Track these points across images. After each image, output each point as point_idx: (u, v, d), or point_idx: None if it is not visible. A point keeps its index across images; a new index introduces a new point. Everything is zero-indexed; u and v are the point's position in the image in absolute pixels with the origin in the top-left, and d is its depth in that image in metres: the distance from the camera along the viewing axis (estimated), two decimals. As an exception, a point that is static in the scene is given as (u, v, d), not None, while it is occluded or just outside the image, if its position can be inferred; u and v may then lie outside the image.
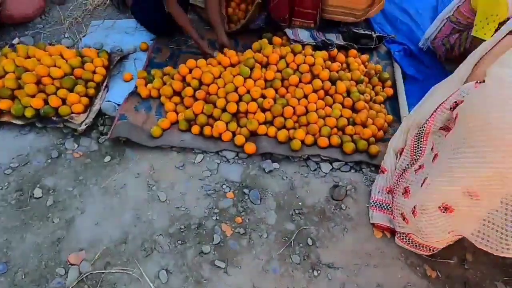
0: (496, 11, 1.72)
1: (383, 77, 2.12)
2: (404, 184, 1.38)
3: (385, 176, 1.56)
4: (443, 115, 1.25)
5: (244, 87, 1.83)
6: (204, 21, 2.61)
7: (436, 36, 2.23)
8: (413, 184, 1.32)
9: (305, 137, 1.74)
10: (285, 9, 2.25)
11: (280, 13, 2.28)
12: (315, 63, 1.93)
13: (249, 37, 2.48)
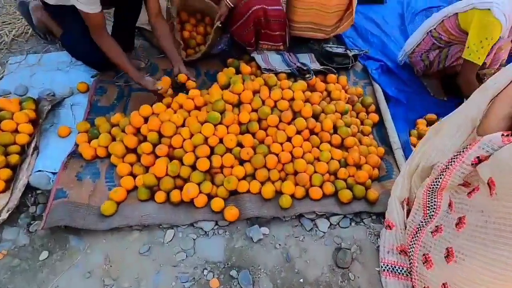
0: (491, 35, 1.59)
1: (366, 102, 1.92)
2: (423, 249, 1.17)
3: (394, 232, 1.35)
4: (462, 170, 1.04)
5: (216, 136, 1.51)
6: (155, 47, 2.23)
7: (414, 50, 2.10)
8: (433, 252, 1.12)
9: (295, 189, 1.47)
10: (250, 33, 1.97)
11: (244, 38, 2.00)
12: (294, 98, 1.67)
13: (211, 64, 2.17)
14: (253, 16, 1.89)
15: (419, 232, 1.22)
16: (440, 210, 1.17)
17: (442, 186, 1.13)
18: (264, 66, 1.86)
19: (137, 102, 1.85)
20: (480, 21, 1.61)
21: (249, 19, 1.91)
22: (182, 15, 2.13)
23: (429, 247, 1.15)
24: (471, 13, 1.69)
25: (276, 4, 1.94)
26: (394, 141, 1.73)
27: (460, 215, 1.06)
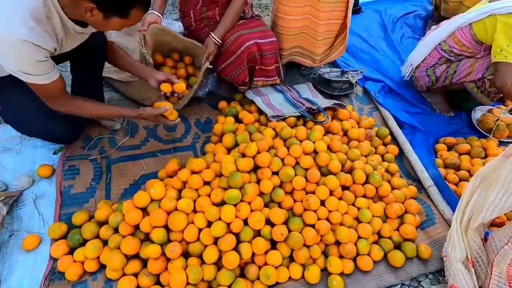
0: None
1: (383, 134, 1.75)
2: None
3: (465, 301, 1.17)
4: None
5: (239, 218, 1.22)
6: (128, 99, 1.86)
7: (419, 64, 1.97)
8: None
9: (343, 266, 1.23)
10: (243, 72, 1.69)
11: (238, 78, 1.72)
12: (316, 150, 1.43)
13: (199, 110, 1.86)
14: (247, 53, 1.62)
15: None
16: None
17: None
18: (271, 113, 1.59)
19: (120, 178, 1.49)
20: (507, 26, 1.53)
21: (241, 57, 1.63)
22: (157, 58, 1.78)
23: None
24: (488, 21, 1.59)
25: (268, 36, 1.68)
26: (425, 178, 1.58)
27: None
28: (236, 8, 1.60)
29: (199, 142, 1.69)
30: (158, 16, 1.59)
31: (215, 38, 1.61)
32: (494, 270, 1.07)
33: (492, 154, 1.65)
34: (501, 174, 1.09)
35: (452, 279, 1.22)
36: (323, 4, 1.64)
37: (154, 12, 1.59)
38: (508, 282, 1.05)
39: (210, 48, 1.61)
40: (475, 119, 1.97)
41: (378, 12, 2.86)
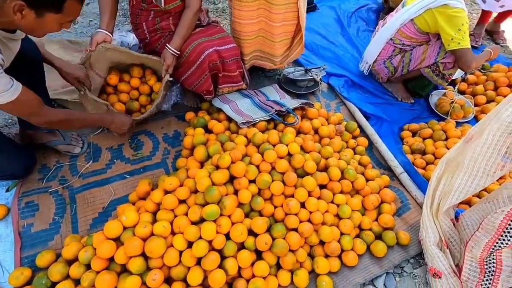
0: (462, 21, 1.63)
1: (352, 128, 1.79)
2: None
3: (444, 280, 1.23)
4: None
5: (220, 233, 1.18)
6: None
7: (376, 59, 2.05)
8: None
9: (330, 265, 1.24)
10: (207, 81, 1.64)
11: (202, 87, 1.67)
12: (290, 152, 1.42)
13: (166, 123, 1.79)
14: (208, 61, 1.57)
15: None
16: (503, 266, 1.05)
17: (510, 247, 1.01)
18: (240, 120, 1.56)
19: (87, 208, 1.38)
20: (446, 17, 1.64)
21: (203, 66, 1.58)
22: (112, 78, 1.67)
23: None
24: (426, 15, 1.72)
25: (227, 42, 1.64)
26: (395, 165, 1.64)
27: None
28: (190, 17, 1.54)
29: (169, 158, 1.62)
30: (107, 35, 1.48)
31: (172, 50, 1.53)
32: (467, 255, 1.13)
33: (452, 136, 1.76)
34: (464, 160, 1.15)
35: (430, 262, 1.28)
36: (276, 7, 1.63)
37: (101, 30, 1.47)
38: (479, 266, 1.11)
39: (168, 61, 1.53)
40: (432, 104, 2.09)
41: (333, 9, 2.93)
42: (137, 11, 1.59)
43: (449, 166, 1.26)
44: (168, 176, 1.37)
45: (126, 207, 1.25)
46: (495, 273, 1.04)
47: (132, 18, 1.66)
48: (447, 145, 1.71)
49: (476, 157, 1.10)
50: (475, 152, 1.09)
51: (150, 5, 1.53)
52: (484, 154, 1.06)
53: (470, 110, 2.01)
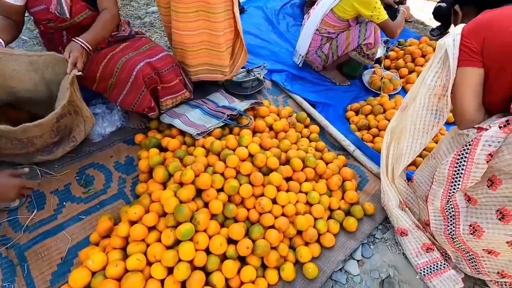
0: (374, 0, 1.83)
1: (302, 117, 1.88)
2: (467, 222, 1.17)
3: (411, 237, 1.36)
4: (479, 171, 1.05)
5: (199, 250, 1.14)
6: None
7: (308, 50, 2.18)
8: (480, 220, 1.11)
9: (312, 251, 1.29)
10: (146, 97, 1.54)
11: (142, 105, 1.57)
12: (251, 153, 1.44)
13: (115, 152, 1.66)
14: (142, 76, 1.47)
15: (452, 232, 1.22)
16: (460, 208, 1.18)
17: (461, 190, 1.14)
18: (195, 131, 1.52)
19: (42, 263, 1.23)
20: (359, 1, 1.84)
21: (137, 83, 1.48)
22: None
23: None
24: (343, 3, 1.90)
25: (158, 51, 1.57)
26: (347, 145, 1.76)
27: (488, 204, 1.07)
28: (107, 17, 1.42)
29: (127, 187, 1.51)
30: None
31: (81, 40, 1.32)
32: (430, 209, 1.25)
33: (389, 108, 1.95)
34: (405, 126, 1.28)
35: (396, 223, 1.40)
36: (216, 15, 1.60)
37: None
38: (442, 214, 1.25)
39: (75, 52, 1.29)
40: (366, 82, 2.29)
41: (260, 8, 3.03)
42: (48, 36, 1.45)
43: (394, 134, 1.40)
44: (130, 206, 1.28)
45: (90, 250, 1.14)
46: (456, 217, 1.18)
47: (46, 45, 1.50)
48: (386, 116, 1.90)
49: (414, 120, 1.24)
50: (413, 116, 1.23)
51: (57, 22, 1.38)
52: (420, 115, 1.21)
53: (397, 83, 2.26)
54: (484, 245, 1.10)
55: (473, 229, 1.11)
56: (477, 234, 1.09)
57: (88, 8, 1.43)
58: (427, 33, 2.92)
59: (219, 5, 1.56)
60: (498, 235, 1.03)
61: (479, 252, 1.16)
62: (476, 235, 1.09)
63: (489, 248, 1.11)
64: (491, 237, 1.05)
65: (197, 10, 1.56)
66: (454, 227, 1.19)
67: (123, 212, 1.29)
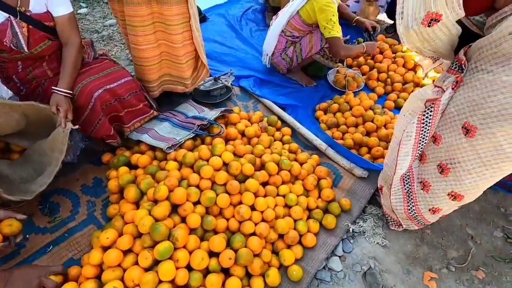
0: (332, 12, 1.87)
1: (273, 121, 1.89)
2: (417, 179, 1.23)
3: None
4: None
5: (181, 268, 1.10)
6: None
7: (274, 52, 2.21)
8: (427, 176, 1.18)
9: (294, 253, 1.29)
10: (104, 125, 1.45)
11: (100, 132, 1.48)
12: (225, 162, 1.42)
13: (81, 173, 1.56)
14: (100, 104, 1.39)
15: (409, 192, 1.27)
16: (413, 168, 1.24)
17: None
18: (165, 145, 1.48)
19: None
20: (319, 8, 1.88)
21: (95, 110, 1.39)
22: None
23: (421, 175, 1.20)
24: (308, 6, 1.94)
25: (120, 77, 1.48)
26: (319, 144, 1.80)
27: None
28: (73, 54, 1.35)
29: (96, 210, 1.43)
30: None
31: (63, 91, 1.30)
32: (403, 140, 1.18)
33: (354, 104, 2.02)
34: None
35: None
36: (173, 27, 1.55)
37: None
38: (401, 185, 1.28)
39: (64, 105, 1.28)
40: (331, 81, 2.37)
41: (221, 15, 3.03)
42: (0, 65, 1.34)
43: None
44: (102, 230, 1.21)
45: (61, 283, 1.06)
46: (412, 193, 1.24)
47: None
48: (353, 113, 1.97)
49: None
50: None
51: (11, 54, 1.28)
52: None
53: (360, 80, 2.35)
54: (430, 200, 1.18)
55: (422, 184, 1.18)
56: (425, 189, 1.16)
57: (47, 38, 1.33)
58: (382, 31, 3.08)
59: (175, 17, 1.52)
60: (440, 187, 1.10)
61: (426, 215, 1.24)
62: (425, 190, 1.16)
63: (435, 206, 1.18)
64: (436, 189, 1.13)
65: (153, 22, 1.53)
66: (413, 204, 1.24)
67: (94, 238, 1.21)
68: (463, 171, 1.03)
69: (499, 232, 1.54)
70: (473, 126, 0.95)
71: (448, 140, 1.04)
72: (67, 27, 1.36)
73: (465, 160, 1.01)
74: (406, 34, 0.95)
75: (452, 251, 1.44)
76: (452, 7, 0.88)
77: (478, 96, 0.93)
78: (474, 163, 1.00)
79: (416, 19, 0.91)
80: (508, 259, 1.42)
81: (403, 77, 2.34)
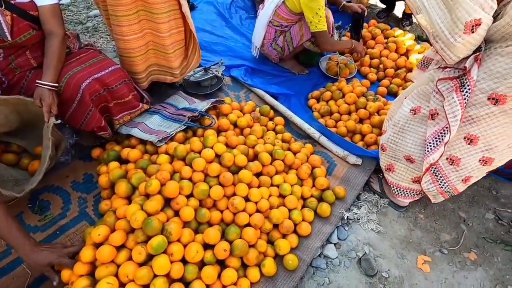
0: (319, 4, 1.81)
1: (266, 111, 1.87)
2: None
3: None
4: None
5: (176, 262, 1.09)
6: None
7: (263, 42, 2.16)
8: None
9: (290, 242, 1.29)
10: (94, 116, 1.40)
11: (91, 124, 1.42)
12: (217, 153, 1.40)
13: (71, 169, 1.53)
14: (89, 94, 1.34)
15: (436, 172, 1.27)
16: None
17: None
18: (156, 138, 1.45)
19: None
20: (305, 1, 1.82)
21: (84, 101, 1.34)
22: None
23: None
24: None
25: (107, 65, 1.43)
26: (312, 132, 1.79)
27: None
28: (57, 45, 1.30)
29: (88, 206, 1.41)
30: None
31: (47, 84, 1.26)
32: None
33: (347, 91, 2.00)
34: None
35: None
36: (159, 16, 1.50)
37: None
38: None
39: (47, 99, 1.23)
40: (323, 69, 2.34)
41: (210, 4, 2.95)
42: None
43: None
44: (94, 227, 1.19)
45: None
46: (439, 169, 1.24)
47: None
48: (346, 100, 1.95)
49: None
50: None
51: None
52: None
53: (352, 67, 2.33)
54: (463, 172, 1.21)
55: (450, 160, 1.19)
56: (455, 163, 1.19)
57: (31, 28, 1.28)
58: (374, 16, 3.04)
59: (160, 5, 1.47)
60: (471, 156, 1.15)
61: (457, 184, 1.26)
62: (455, 164, 1.19)
63: (466, 176, 1.22)
64: (466, 160, 1.17)
65: (138, 10, 1.47)
66: (445, 181, 1.27)
67: (86, 234, 1.20)
68: (494, 136, 1.08)
69: (490, 214, 1.56)
70: (502, 95, 1.01)
71: (474, 113, 1.08)
72: (50, 18, 1.30)
73: (496, 126, 1.07)
74: (453, 50, 0.99)
75: (444, 234, 1.46)
76: (490, 6, 0.92)
77: (501, 68, 0.99)
78: (506, 127, 1.06)
79: (457, 33, 0.96)
80: (499, 240, 1.45)
81: (395, 62, 2.32)
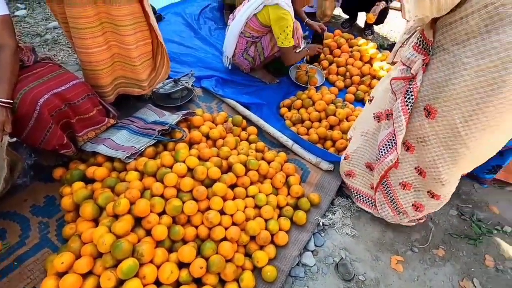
0: (287, 23, 1.86)
1: (238, 121, 1.86)
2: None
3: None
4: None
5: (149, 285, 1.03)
6: None
7: (235, 52, 2.17)
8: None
9: (268, 253, 1.28)
10: (55, 133, 1.31)
11: (51, 143, 1.32)
12: (189, 167, 1.37)
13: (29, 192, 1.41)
14: (48, 110, 1.26)
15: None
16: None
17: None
18: (124, 154, 1.38)
19: None
20: (275, 16, 1.86)
21: (42, 118, 1.25)
22: None
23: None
24: (264, 11, 1.90)
25: (68, 79, 1.35)
26: (285, 141, 1.81)
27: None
28: (8, 58, 1.21)
29: (51, 232, 1.30)
30: None
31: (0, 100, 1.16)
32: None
33: (317, 99, 2.05)
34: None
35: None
36: (124, 28, 1.45)
37: None
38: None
39: (0, 117, 1.16)
40: (293, 77, 2.39)
41: (178, 14, 2.92)
42: None
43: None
44: (57, 254, 1.10)
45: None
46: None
47: None
48: (316, 108, 2.00)
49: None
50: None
51: None
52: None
53: (321, 74, 2.40)
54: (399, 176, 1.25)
55: (406, 147, 1.21)
56: (410, 150, 1.19)
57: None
58: (339, 26, 3.17)
59: (125, 17, 1.43)
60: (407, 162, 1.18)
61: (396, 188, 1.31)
62: (410, 151, 1.20)
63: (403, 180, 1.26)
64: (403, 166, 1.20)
65: (101, 22, 1.41)
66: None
67: (48, 263, 1.10)
68: (424, 148, 1.10)
69: (454, 210, 1.66)
70: (434, 109, 1.00)
71: (412, 121, 1.09)
72: (0, 29, 1.21)
73: (425, 140, 1.08)
74: (419, 4, 0.87)
75: (414, 233, 1.52)
76: None
77: (440, 78, 0.96)
78: (434, 143, 1.06)
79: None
80: (463, 234, 1.54)
81: (360, 70, 2.42)
